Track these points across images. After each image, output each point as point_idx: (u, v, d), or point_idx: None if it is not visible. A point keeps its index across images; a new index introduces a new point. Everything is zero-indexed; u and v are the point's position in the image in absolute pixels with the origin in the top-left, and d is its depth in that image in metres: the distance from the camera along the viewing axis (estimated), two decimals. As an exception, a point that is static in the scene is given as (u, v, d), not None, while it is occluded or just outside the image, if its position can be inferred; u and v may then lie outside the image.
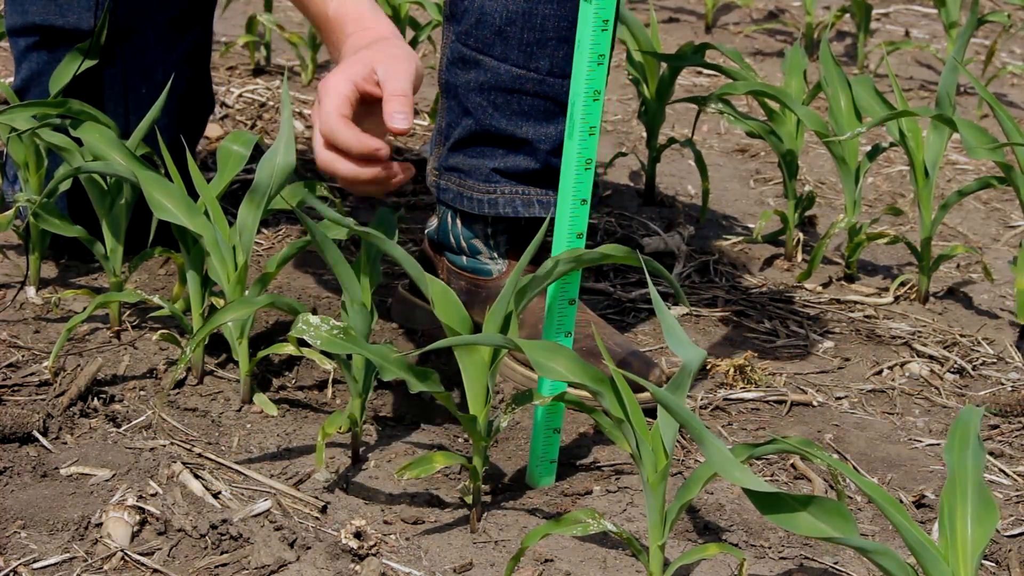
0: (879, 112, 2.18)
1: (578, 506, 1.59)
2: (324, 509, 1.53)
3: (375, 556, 1.45)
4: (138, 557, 1.42)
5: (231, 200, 2.21)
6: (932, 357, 2.04)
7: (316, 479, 1.59)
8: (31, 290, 1.96)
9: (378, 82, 1.59)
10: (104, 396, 1.71)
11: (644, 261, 1.53)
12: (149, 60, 2.02)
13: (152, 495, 1.51)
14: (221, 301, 1.77)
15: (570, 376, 1.42)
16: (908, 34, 3.84)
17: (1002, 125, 2.08)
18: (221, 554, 1.44)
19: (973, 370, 2.02)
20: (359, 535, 1.46)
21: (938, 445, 1.79)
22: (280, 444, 1.66)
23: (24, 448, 1.59)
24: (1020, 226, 2.62)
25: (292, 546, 1.45)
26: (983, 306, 2.24)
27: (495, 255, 1.89)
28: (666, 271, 1.56)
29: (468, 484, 1.51)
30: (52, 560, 1.41)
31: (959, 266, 2.40)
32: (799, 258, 2.36)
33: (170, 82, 1.91)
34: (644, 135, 2.78)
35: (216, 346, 1.85)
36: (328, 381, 1.79)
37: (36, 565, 1.40)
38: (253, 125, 2.73)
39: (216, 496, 1.53)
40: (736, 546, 1.52)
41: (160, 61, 2.02)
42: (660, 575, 1.39)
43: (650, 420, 1.48)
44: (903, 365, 2.01)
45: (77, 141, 1.83)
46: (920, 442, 1.81)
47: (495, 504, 1.58)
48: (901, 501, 1.66)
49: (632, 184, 2.68)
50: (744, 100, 3.13)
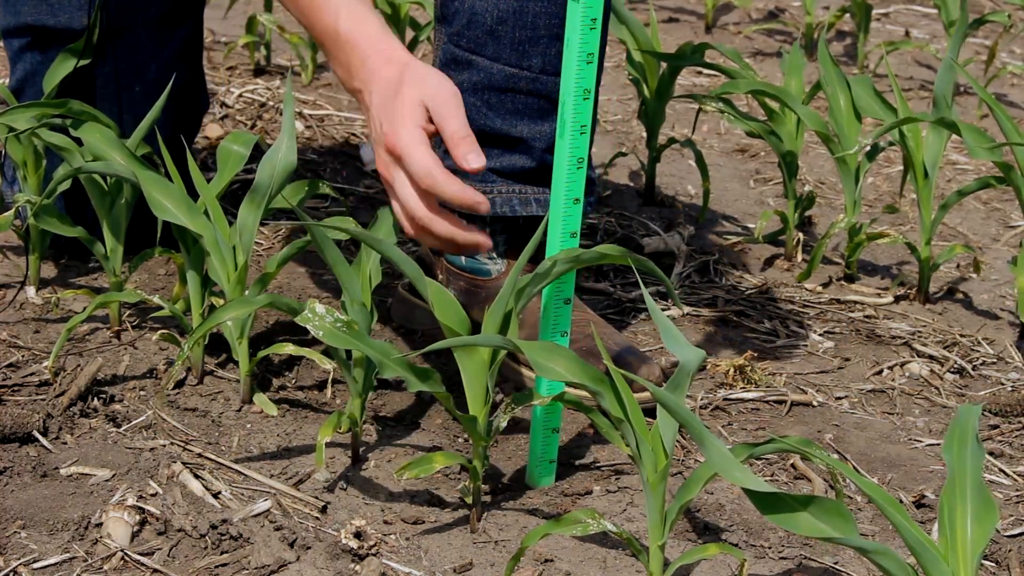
0: (879, 112, 2.18)
1: (578, 506, 1.59)
2: (324, 509, 1.53)
3: (375, 556, 1.45)
4: (138, 557, 1.42)
5: (231, 200, 2.21)
6: (932, 357, 2.04)
7: (316, 479, 1.59)
8: (31, 290, 1.96)
9: (431, 119, 1.56)
10: (104, 396, 1.71)
11: (639, 262, 1.53)
12: (141, 58, 2.02)
13: (152, 495, 1.51)
14: (221, 301, 1.77)
15: (569, 376, 1.42)
16: (908, 34, 3.84)
17: (1001, 125, 2.08)
18: (221, 554, 1.44)
19: (973, 370, 2.02)
20: (359, 535, 1.46)
21: (938, 445, 1.79)
22: (280, 444, 1.66)
23: (24, 448, 1.59)
24: (1020, 226, 2.62)
25: (292, 546, 1.45)
26: (983, 306, 2.24)
27: (493, 255, 1.89)
28: (660, 272, 1.55)
29: (468, 484, 1.51)
30: (52, 560, 1.41)
31: (959, 266, 2.39)
32: (799, 258, 2.35)
33: (166, 81, 1.90)
34: (644, 135, 2.78)
35: (216, 346, 1.85)
36: (328, 381, 1.79)
37: (36, 565, 1.40)
38: (253, 125, 2.73)
39: (216, 496, 1.53)
40: (736, 546, 1.52)
41: (152, 58, 2.02)
42: (660, 575, 1.39)
43: (650, 420, 1.48)
44: (903, 365, 2.01)
45: (76, 141, 1.83)
46: (920, 442, 1.81)
47: (495, 504, 1.58)
48: (901, 501, 1.66)
49: (632, 184, 2.68)
50: (744, 100, 3.13)
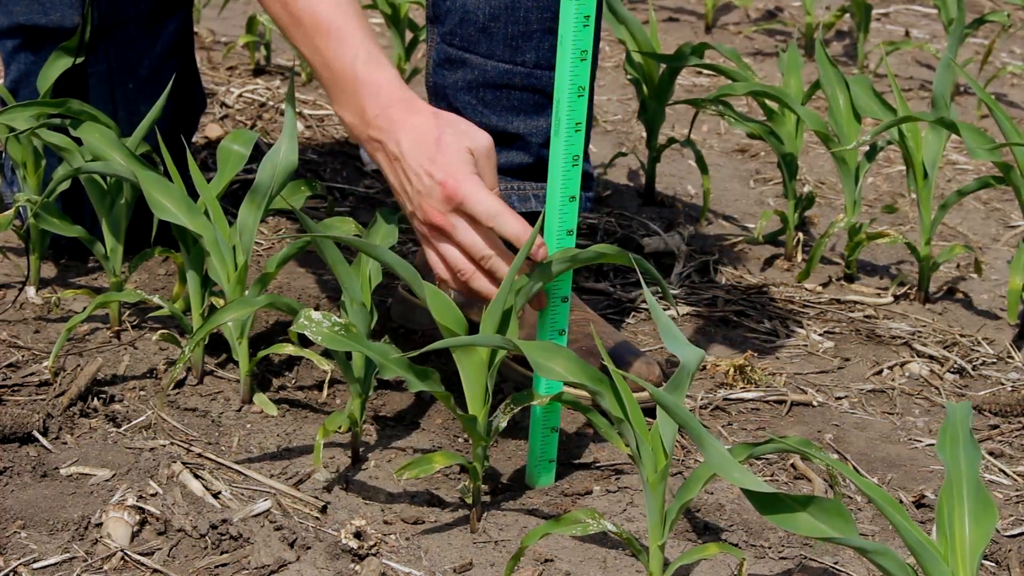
0: (878, 112, 2.18)
1: (578, 506, 1.59)
2: (324, 509, 1.53)
3: (375, 556, 1.45)
4: (138, 557, 1.42)
5: (231, 200, 2.21)
6: (932, 357, 2.04)
7: (316, 479, 1.59)
8: (31, 290, 1.96)
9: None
10: (104, 396, 1.71)
11: (636, 261, 1.53)
12: (133, 54, 2.02)
13: (152, 495, 1.51)
14: (221, 301, 1.77)
15: (569, 376, 1.41)
16: (908, 34, 3.84)
17: (1000, 125, 2.08)
18: (221, 554, 1.44)
19: (973, 370, 2.02)
20: (359, 535, 1.46)
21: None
22: (280, 444, 1.66)
23: (24, 448, 1.59)
24: (1020, 226, 2.62)
25: (292, 546, 1.45)
26: (983, 306, 2.24)
27: None
28: (655, 271, 1.55)
29: (468, 484, 1.51)
30: (52, 560, 1.41)
31: (959, 266, 2.39)
32: (799, 258, 2.35)
33: (159, 76, 1.90)
34: (644, 135, 2.78)
35: (216, 346, 1.85)
36: (327, 381, 1.79)
37: (36, 565, 1.40)
38: (253, 125, 2.73)
39: (216, 496, 1.53)
40: (736, 546, 1.52)
41: (144, 54, 2.02)
42: (660, 575, 1.39)
43: (649, 420, 1.48)
44: (903, 365, 2.01)
45: (76, 140, 1.82)
46: (920, 442, 1.81)
47: (495, 504, 1.58)
48: (901, 501, 1.66)
49: (632, 184, 2.68)
50: (744, 100, 3.13)
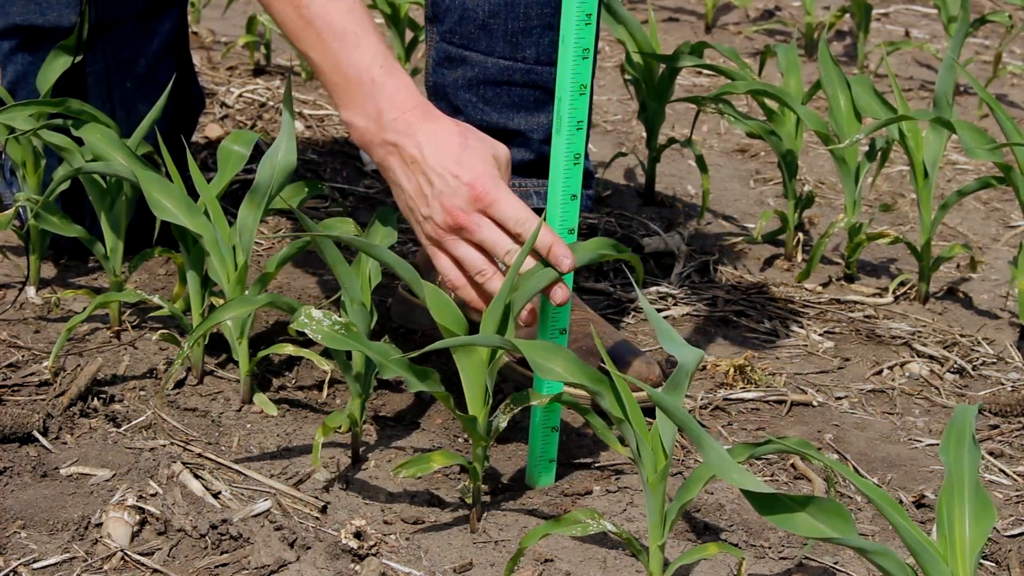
0: (878, 112, 2.18)
1: (578, 506, 1.58)
2: (324, 509, 1.53)
3: (375, 556, 1.45)
4: (138, 557, 1.42)
5: (231, 200, 2.21)
6: (932, 357, 2.04)
7: (316, 479, 1.59)
8: (31, 290, 1.96)
9: None
10: (104, 396, 1.71)
11: (635, 259, 1.53)
12: (130, 52, 2.01)
13: (152, 495, 1.51)
14: (221, 301, 1.77)
15: (568, 376, 1.41)
16: (908, 34, 3.84)
17: (1001, 125, 2.08)
18: (221, 554, 1.44)
19: (973, 370, 2.02)
20: (359, 535, 1.46)
21: (938, 445, 1.79)
22: (280, 444, 1.66)
23: (24, 448, 1.59)
24: (1020, 226, 2.62)
25: (292, 546, 1.45)
26: (983, 306, 2.24)
27: None
28: (640, 264, 1.55)
29: (468, 484, 1.51)
30: (52, 560, 1.41)
31: (959, 266, 2.39)
32: (799, 258, 2.35)
33: (156, 75, 1.90)
34: (644, 135, 2.78)
35: (216, 346, 1.85)
36: (327, 381, 1.79)
37: (36, 565, 1.40)
38: (253, 125, 2.73)
39: (216, 496, 1.53)
40: (736, 546, 1.52)
41: (141, 52, 2.02)
42: (660, 575, 1.39)
43: (649, 420, 1.48)
44: (903, 365, 2.01)
45: (76, 140, 1.82)
46: (920, 442, 1.81)
47: (495, 504, 1.58)
48: (901, 501, 1.66)
49: (632, 184, 2.68)
50: (744, 100, 3.13)
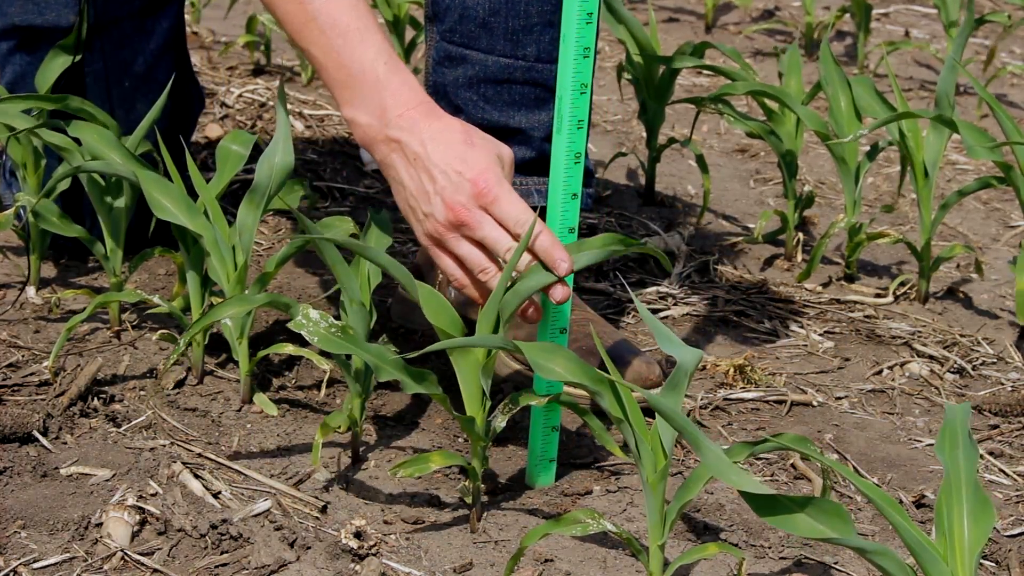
0: (879, 112, 2.18)
1: (578, 506, 1.58)
2: (324, 509, 1.53)
3: (375, 556, 1.45)
4: (138, 557, 1.42)
5: (231, 200, 2.21)
6: (932, 357, 2.04)
7: (316, 479, 1.59)
8: (31, 290, 1.96)
9: None
10: (104, 396, 1.71)
11: (638, 247, 1.53)
12: (128, 51, 2.01)
13: (152, 495, 1.51)
14: (221, 301, 1.77)
15: (568, 376, 1.41)
16: (908, 34, 3.84)
17: (1001, 125, 2.08)
18: (221, 554, 1.44)
19: (973, 370, 2.02)
20: (359, 535, 1.46)
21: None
22: (280, 444, 1.66)
23: (24, 448, 1.59)
24: (1020, 226, 2.62)
25: (292, 546, 1.45)
26: (983, 306, 2.24)
27: None
28: (661, 253, 1.55)
29: (467, 484, 1.51)
30: (52, 560, 1.41)
31: (959, 266, 2.39)
32: (799, 258, 2.35)
33: (154, 74, 1.90)
34: (644, 135, 2.78)
35: (216, 346, 1.85)
36: (326, 381, 1.79)
37: (36, 565, 1.40)
38: (253, 125, 2.73)
39: (216, 496, 1.53)
40: (736, 546, 1.52)
41: (139, 51, 2.02)
42: (660, 575, 1.39)
43: (649, 420, 1.48)
44: (903, 365, 2.01)
45: (76, 140, 1.82)
46: (920, 442, 1.81)
47: (495, 504, 1.58)
48: (901, 501, 1.66)
49: (632, 184, 2.68)
50: (744, 100, 3.13)
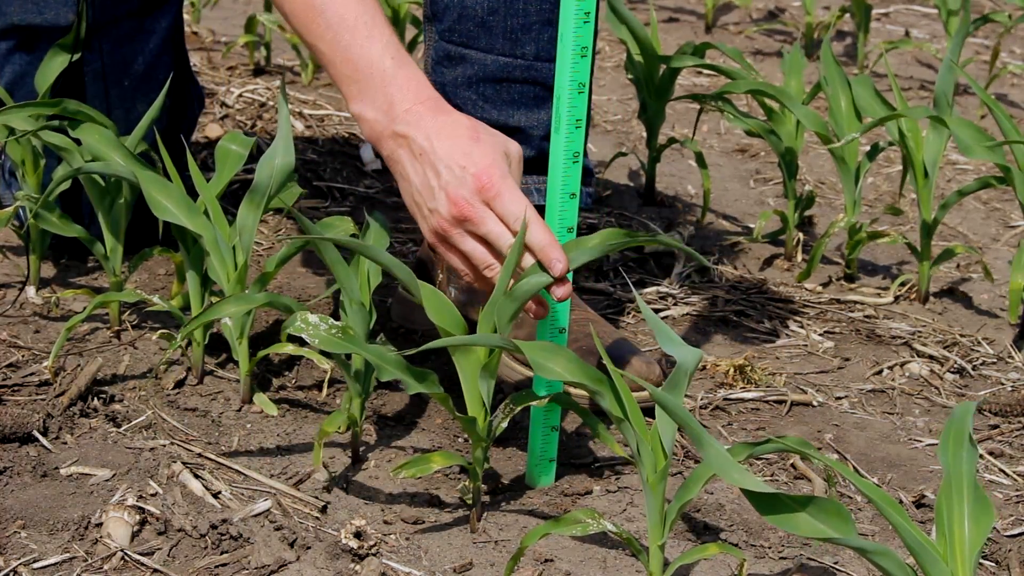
0: (879, 112, 2.18)
1: (578, 506, 1.58)
2: (324, 509, 1.53)
3: (375, 556, 1.45)
4: (138, 557, 1.42)
5: (231, 200, 2.21)
6: (932, 357, 2.04)
7: (316, 479, 1.59)
8: (31, 290, 1.96)
9: None
10: (104, 396, 1.71)
11: (650, 237, 1.53)
12: (128, 51, 2.01)
13: (152, 495, 1.51)
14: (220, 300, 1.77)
15: (568, 376, 1.41)
16: (908, 34, 3.84)
17: (1000, 125, 2.08)
18: (221, 554, 1.44)
19: (973, 370, 2.02)
20: (359, 535, 1.46)
21: (938, 445, 1.79)
22: (280, 444, 1.66)
23: (24, 448, 1.59)
24: (1020, 226, 2.62)
25: (292, 546, 1.45)
26: (983, 306, 2.24)
27: None
28: (676, 241, 1.55)
29: (468, 484, 1.51)
30: (52, 560, 1.41)
31: (959, 266, 2.39)
32: (799, 258, 2.35)
33: (153, 73, 1.90)
34: (644, 135, 2.78)
35: (216, 346, 1.85)
36: (327, 381, 1.79)
37: (36, 565, 1.40)
38: (253, 125, 2.73)
39: (216, 496, 1.54)
40: (736, 546, 1.52)
41: (138, 51, 2.02)
42: (660, 575, 1.39)
43: (649, 420, 1.48)
44: (903, 365, 2.01)
45: (76, 140, 1.82)
46: (920, 442, 1.81)
47: (495, 504, 1.58)
48: (901, 501, 1.66)
49: (632, 184, 2.68)
50: (744, 100, 3.13)
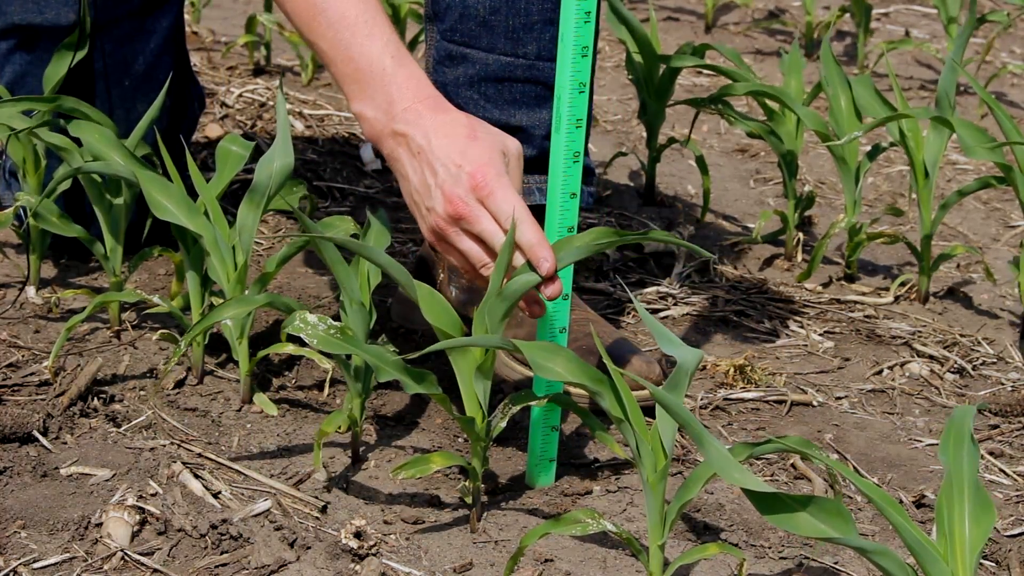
0: (879, 112, 2.18)
1: (578, 506, 1.58)
2: (324, 509, 1.53)
3: (375, 556, 1.45)
4: (138, 557, 1.42)
5: (231, 200, 2.21)
6: (932, 357, 2.04)
7: (316, 479, 1.59)
8: (31, 290, 1.96)
9: None
10: (104, 396, 1.71)
11: (640, 234, 1.53)
12: (128, 51, 2.01)
13: (152, 495, 1.51)
14: (221, 301, 1.77)
15: (568, 376, 1.41)
16: (908, 34, 3.84)
17: (1000, 125, 2.08)
18: (221, 554, 1.44)
19: (973, 370, 2.02)
20: (359, 535, 1.46)
21: (938, 445, 1.79)
22: (280, 444, 1.66)
23: (24, 448, 1.59)
24: (1020, 226, 2.62)
25: (292, 546, 1.45)
26: (983, 306, 2.24)
27: None
28: (671, 236, 1.54)
29: (467, 484, 1.51)
30: (52, 560, 1.41)
31: (959, 266, 2.39)
32: (799, 258, 2.35)
33: (154, 73, 1.89)
34: (644, 135, 2.78)
35: (216, 346, 1.85)
36: (327, 381, 1.79)
37: (36, 565, 1.40)
38: (253, 125, 2.73)
39: (216, 496, 1.53)
40: (736, 546, 1.52)
41: (139, 51, 2.02)
42: (660, 575, 1.39)
43: (649, 420, 1.48)
44: (903, 365, 2.01)
45: (76, 140, 1.82)
46: (920, 442, 1.81)
47: (495, 504, 1.58)
48: (901, 501, 1.66)
49: (632, 184, 2.68)
50: (744, 100, 3.13)
